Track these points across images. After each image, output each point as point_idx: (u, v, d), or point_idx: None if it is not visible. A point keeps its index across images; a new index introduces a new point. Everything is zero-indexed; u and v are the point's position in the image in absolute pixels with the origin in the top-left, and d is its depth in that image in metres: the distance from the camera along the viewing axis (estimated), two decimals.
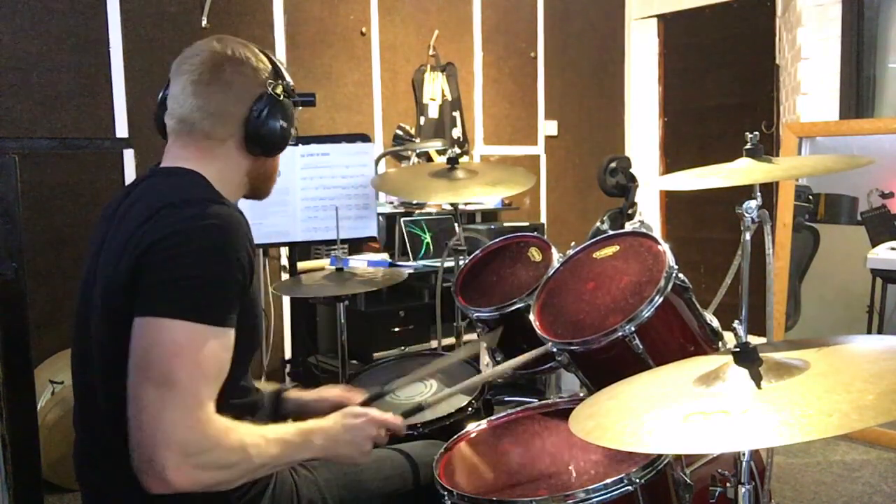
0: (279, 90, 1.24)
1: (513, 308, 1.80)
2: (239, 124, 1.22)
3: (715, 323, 1.63)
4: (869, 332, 3.13)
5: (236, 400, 1.20)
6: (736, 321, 1.08)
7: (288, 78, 1.28)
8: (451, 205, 2.51)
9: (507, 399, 2.25)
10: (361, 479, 1.36)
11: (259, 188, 1.33)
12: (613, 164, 2.87)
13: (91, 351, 1.18)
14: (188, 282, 1.05)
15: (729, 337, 1.24)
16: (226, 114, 1.21)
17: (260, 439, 1.11)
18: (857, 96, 3.48)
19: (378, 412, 1.33)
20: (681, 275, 1.53)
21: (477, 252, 2.13)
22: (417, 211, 3.51)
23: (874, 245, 3.13)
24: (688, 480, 1.34)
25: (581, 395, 1.75)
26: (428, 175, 2.34)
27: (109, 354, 1.12)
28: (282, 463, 1.17)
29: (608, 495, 1.17)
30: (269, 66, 1.25)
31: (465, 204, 3.78)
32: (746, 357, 1.01)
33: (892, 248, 3.08)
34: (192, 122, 1.21)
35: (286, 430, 1.18)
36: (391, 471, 1.39)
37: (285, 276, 3.25)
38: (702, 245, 4.56)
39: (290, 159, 2.50)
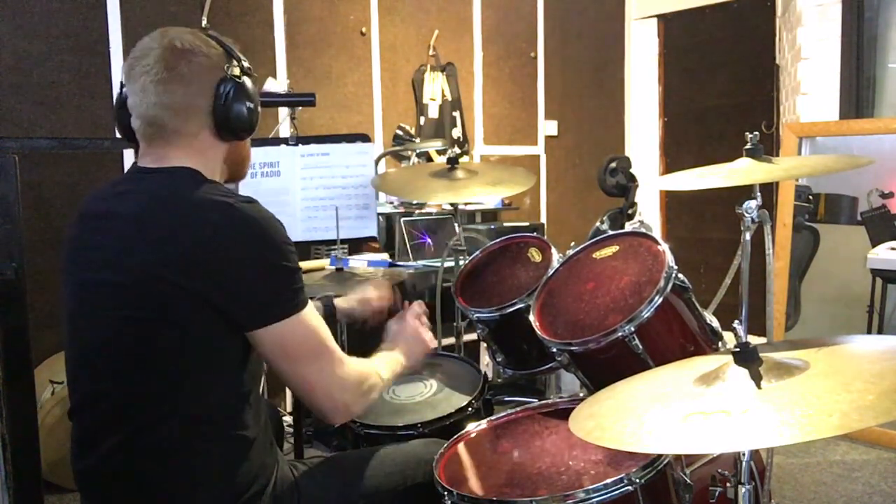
0: (236, 71, 1.24)
1: (513, 308, 1.80)
2: (207, 115, 1.22)
3: (715, 323, 1.63)
4: (869, 332, 3.13)
5: (237, 399, 1.20)
6: (736, 321, 1.08)
7: (242, 57, 1.28)
8: (451, 205, 2.51)
9: (507, 399, 2.25)
10: (361, 476, 1.36)
11: (236, 171, 1.36)
12: (613, 164, 2.87)
13: (91, 355, 1.17)
14: (283, 280, 1.18)
15: (729, 337, 1.24)
16: (192, 107, 1.21)
17: (381, 368, 1.39)
18: (857, 96, 3.48)
19: (410, 320, 1.62)
20: (680, 275, 1.53)
21: (477, 252, 2.13)
22: (417, 211, 3.51)
23: (874, 245, 3.13)
24: (688, 480, 1.34)
25: (581, 395, 1.75)
26: (428, 175, 2.34)
27: (119, 356, 1.13)
28: (393, 379, 1.46)
29: (608, 495, 1.17)
30: (221, 50, 1.25)
31: (465, 204, 3.78)
32: (746, 357, 1.01)
33: (892, 248, 3.08)
34: (160, 122, 1.21)
35: (387, 357, 1.46)
36: (391, 468, 1.39)
37: None
38: (702, 245, 4.56)
39: (290, 159, 2.50)
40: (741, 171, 1.64)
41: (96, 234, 1.21)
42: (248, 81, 1.26)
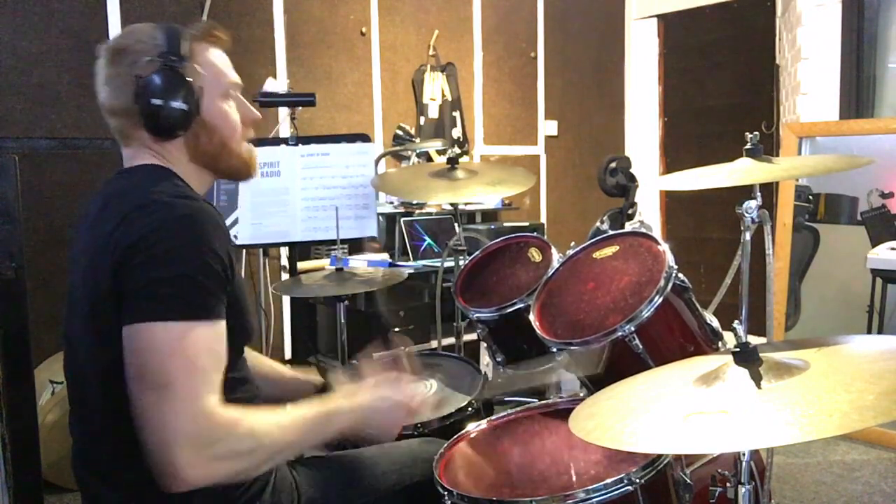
0: (154, 67, 1.16)
1: (513, 308, 1.80)
2: (135, 115, 1.18)
3: (715, 323, 1.63)
4: (869, 332, 3.13)
5: (231, 395, 1.20)
6: (736, 321, 1.08)
7: (180, 45, 1.20)
8: (451, 205, 2.51)
9: (507, 399, 2.25)
10: (361, 475, 1.36)
11: (221, 169, 1.28)
12: (613, 164, 2.87)
13: (82, 360, 1.18)
14: (168, 282, 1.03)
15: (729, 337, 1.24)
16: (119, 109, 1.19)
17: (277, 424, 1.11)
18: (857, 96, 3.48)
19: (406, 396, 1.32)
20: (680, 275, 1.53)
21: (477, 252, 2.13)
22: (417, 211, 3.51)
23: (874, 245, 3.13)
24: (688, 480, 1.34)
25: (581, 395, 1.75)
26: (428, 175, 2.34)
27: (102, 363, 1.12)
28: (305, 445, 1.17)
29: (608, 495, 1.17)
30: (152, 43, 1.20)
31: (465, 204, 3.78)
32: (746, 357, 1.01)
33: (892, 248, 3.08)
34: (111, 124, 1.22)
35: (305, 413, 1.16)
36: (389, 466, 1.39)
37: (285, 276, 3.25)
38: (702, 245, 4.56)
39: (290, 159, 2.50)
40: (741, 171, 1.64)
41: (77, 235, 1.23)
42: (175, 74, 1.17)
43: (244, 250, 3.23)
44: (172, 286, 1.04)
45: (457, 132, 4.07)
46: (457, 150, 3.42)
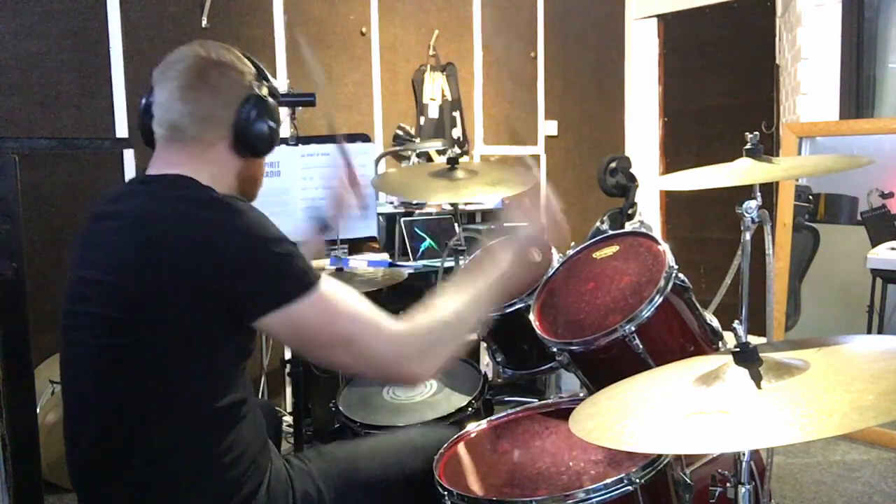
0: (264, 91, 1.26)
1: (513, 308, 1.80)
2: (228, 127, 1.24)
3: (715, 323, 1.63)
4: (869, 332, 3.13)
5: (223, 402, 1.19)
6: (736, 321, 1.08)
7: (272, 79, 1.31)
8: (451, 205, 2.51)
9: (507, 399, 2.25)
10: (357, 467, 1.36)
11: (246, 191, 1.34)
12: (613, 164, 2.87)
13: (85, 355, 1.17)
14: (287, 264, 1.14)
15: (729, 337, 1.24)
16: (215, 118, 1.23)
17: (457, 306, 1.25)
18: (857, 96, 3.48)
19: (521, 238, 1.42)
20: (681, 275, 1.53)
21: (477, 252, 2.13)
22: (417, 211, 3.51)
23: (874, 245, 3.13)
24: (688, 480, 1.34)
25: (581, 395, 1.75)
26: (428, 175, 2.33)
27: (112, 356, 1.13)
28: (485, 311, 1.33)
29: (608, 495, 1.17)
30: (253, 69, 1.27)
31: (465, 204, 3.78)
32: (746, 357, 1.01)
33: (892, 248, 3.08)
34: (182, 127, 1.22)
35: (475, 289, 1.28)
36: (387, 458, 1.39)
37: None
38: (702, 245, 4.56)
39: (290, 159, 2.50)
40: (741, 171, 1.64)
41: (99, 233, 1.22)
42: (272, 102, 1.28)
43: None
44: (287, 266, 1.14)
45: (457, 132, 4.07)
46: (457, 150, 3.42)
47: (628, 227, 1.84)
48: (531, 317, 1.64)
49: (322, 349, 1.17)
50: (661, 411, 1.00)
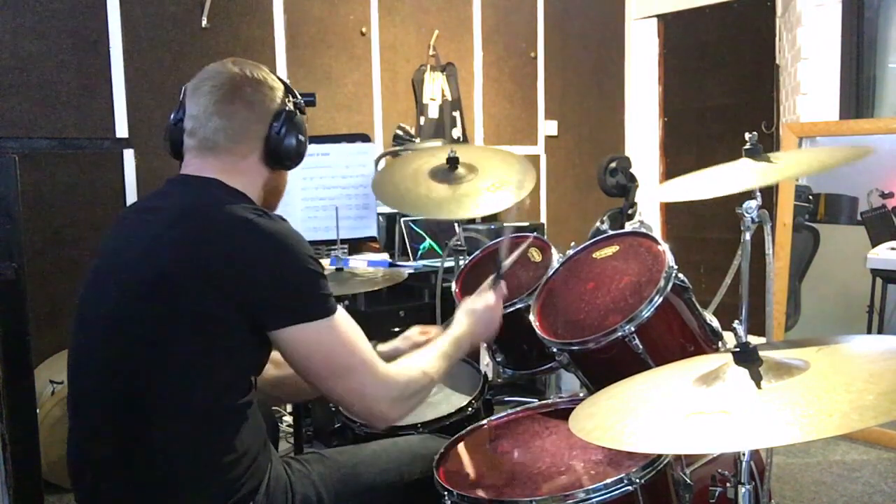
0: (292, 107, 1.33)
1: (513, 308, 1.80)
2: (260, 140, 1.30)
3: (715, 323, 1.63)
4: (869, 332, 3.13)
5: (230, 405, 1.20)
6: (736, 321, 1.08)
7: (298, 94, 1.37)
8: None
9: (507, 399, 2.25)
10: (356, 473, 1.36)
11: (270, 202, 1.39)
12: (613, 164, 2.87)
13: (93, 349, 1.18)
14: (311, 285, 1.21)
15: (729, 337, 1.24)
16: (249, 132, 1.29)
17: (429, 362, 1.38)
18: (857, 96, 3.48)
19: (489, 300, 1.59)
20: (680, 275, 1.53)
21: (477, 252, 2.13)
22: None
23: (874, 245, 3.13)
24: (688, 480, 1.34)
25: (581, 395, 1.75)
26: (428, 175, 2.32)
27: (120, 353, 1.14)
28: (449, 371, 1.44)
29: (608, 495, 1.17)
30: (281, 85, 1.34)
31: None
32: (746, 357, 1.01)
33: (892, 248, 3.08)
34: (216, 140, 1.27)
35: (443, 345, 1.44)
36: (387, 464, 1.39)
37: None
38: (702, 245, 4.56)
39: None
40: (740, 178, 1.63)
41: (135, 226, 1.26)
42: (301, 117, 1.34)
43: None
44: (314, 287, 1.21)
45: (457, 132, 4.07)
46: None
47: (628, 227, 1.83)
48: (531, 317, 1.64)
49: (321, 374, 1.23)
50: (661, 411, 1.00)
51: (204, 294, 1.13)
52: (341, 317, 1.24)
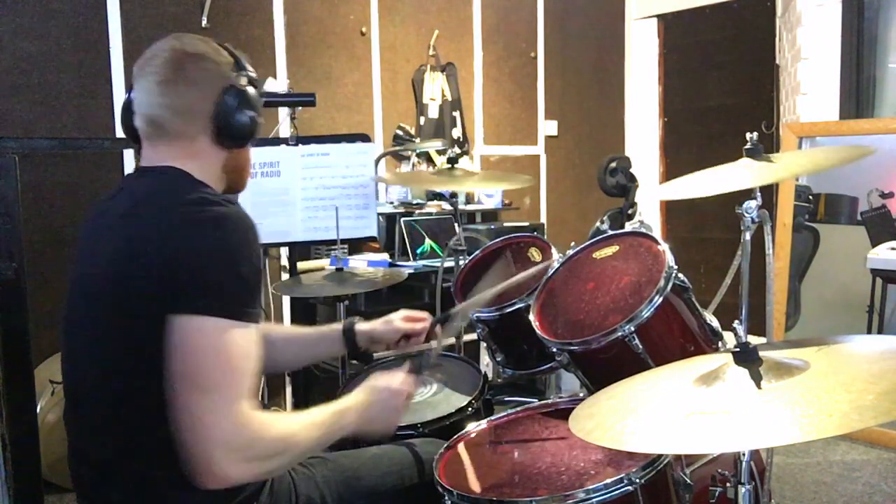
0: (243, 81, 1.24)
1: (513, 308, 1.80)
2: (208, 119, 1.22)
3: (715, 323, 1.63)
4: (869, 332, 3.13)
5: None
6: (736, 321, 1.08)
7: (250, 69, 1.28)
8: (451, 205, 2.51)
9: (507, 399, 2.25)
10: (359, 476, 1.37)
11: (235, 181, 1.33)
12: (613, 164, 2.87)
13: (83, 353, 1.17)
14: (223, 281, 1.09)
15: (729, 337, 1.24)
16: (194, 110, 1.21)
17: (300, 427, 1.17)
18: (857, 96, 3.48)
19: (397, 382, 1.37)
20: (680, 275, 1.53)
21: (477, 252, 2.13)
22: (417, 211, 3.51)
23: (874, 245, 3.13)
24: (688, 480, 1.34)
25: (581, 395, 1.75)
26: (429, 174, 2.33)
27: (109, 357, 1.13)
28: (321, 445, 1.23)
29: (608, 495, 1.17)
30: (231, 59, 1.25)
31: (465, 204, 3.78)
32: (746, 357, 1.01)
33: (892, 248, 3.08)
34: (161, 121, 1.21)
35: (322, 414, 1.23)
36: (389, 467, 1.39)
37: (285, 276, 3.25)
38: (702, 245, 4.56)
39: (290, 159, 2.50)
40: (740, 176, 1.63)
41: (94, 231, 1.23)
42: (252, 91, 1.25)
43: None
44: (227, 285, 1.09)
45: (457, 132, 4.07)
46: (457, 150, 3.42)
47: (628, 227, 1.84)
48: (531, 317, 1.64)
49: (182, 379, 1.06)
50: (661, 411, 1.00)
51: (154, 292, 1.08)
52: (243, 334, 1.09)
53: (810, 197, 3.34)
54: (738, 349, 1.02)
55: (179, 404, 1.06)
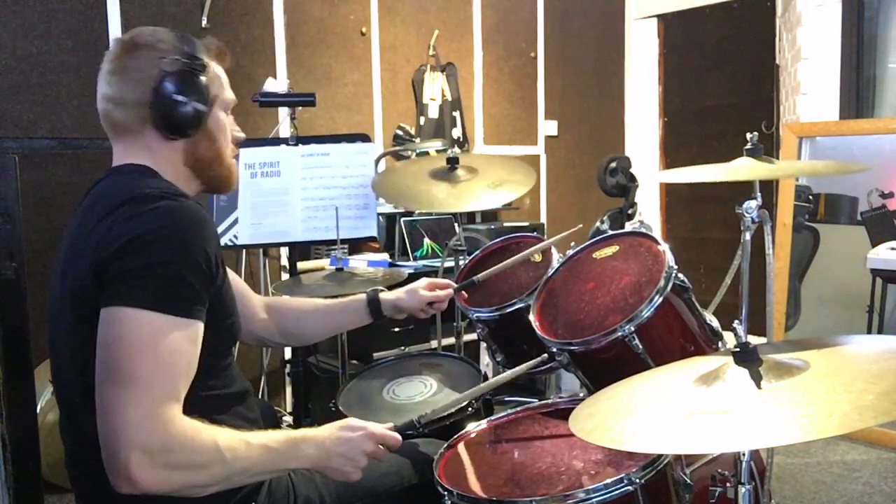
0: (179, 66, 1.19)
1: (513, 308, 1.80)
2: (147, 109, 1.19)
3: (715, 323, 1.63)
4: (869, 332, 3.13)
5: (221, 390, 1.20)
6: (736, 321, 1.08)
7: (199, 53, 1.23)
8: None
9: (507, 399, 2.25)
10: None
11: (210, 176, 1.29)
12: (613, 164, 2.87)
13: (65, 361, 1.17)
14: (150, 271, 1.04)
15: (729, 337, 1.24)
16: (129, 100, 1.19)
17: (238, 443, 1.08)
18: (857, 96, 3.48)
19: (377, 427, 1.27)
20: (680, 275, 1.53)
21: (477, 252, 2.13)
22: (417, 211, 3.51)
23: (874, 245, 3.13)
24: (688, 480, 1.34)
25: (581, 395, 1.75)
26: (428, 175, 2.33)
27: (82, 356, 1.11)
28: (267, 470, 1.14)
29: (608, 495, 1.17)
30: (175, 45, 1.21)
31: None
32: (746, 357, 1.01)
33: (892, 248, 3.08)
34: (107, 114, 1.22)
35: (273, 436, 1.14)
36: (388, 468, 1.39)
37: (285, 276, 3.25)
38: (702, 245, 4.56)
39: (290, 159, 2.50)
40: (741, 168, 1.64)
41: (65, 236, 1.23)
42: (193, 77, 1.20)
43: (244, 250, 3.24)
44: (155, 275, 1.04)
45: (457, 132, 4.07)
46: (457, 150, 3.42)
47: (628, 227, 1.84)
48: (531, 317, 1.64)
49: (103, 370, 1.01)
50: (661, 411, 1.00)
51: (89, 291, 1.06)
52: (175, 329, 1.03)
53: (810, 197, 3.34)
54: (738, 349, 1.02)
55: (98, 398, 1.00)
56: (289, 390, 3.44)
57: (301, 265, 2.79)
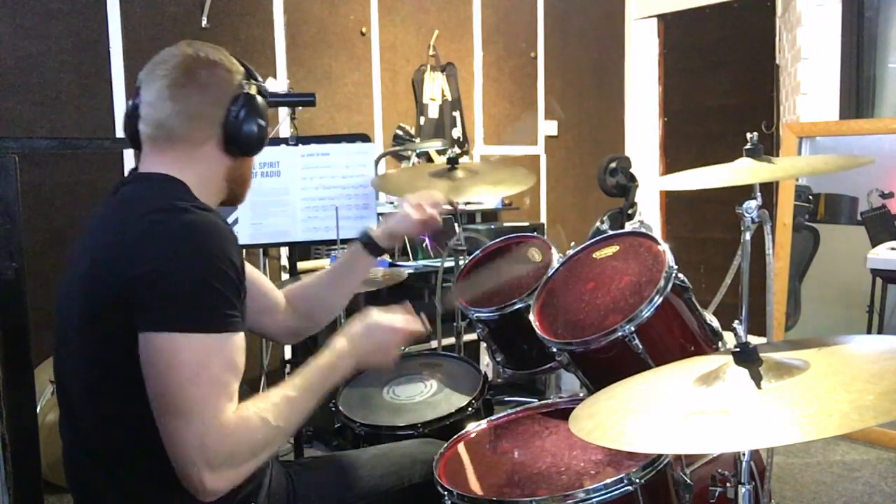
0: (254, 90, 1.24)
1: (513, 308, 1.80)
2: (217, 126, 1.21)
3: (715, 323, 1.63)
4: (869, 332, 3.13)
5: None
6: (736, 321, 1.08)
7: (259, 78, 1.29)
8: (451, 205, 2.50)
9: (507, 399, 2.25)
10: (358, 477, 1.36)
11: (236, 192, 1.32)
12: (613, 164, 2.87)
13: (72, 363, 1.17)
14: (189, 294, 1.05)
15: (729, 337, 1.24)
16: (204, 116, 1.21)
17: (283, 404, 1.13)
18: (857, 96, 3.48)
19: (398, 321, 1.31)
20: (680, 275, 1.53)
21: (477, 252, 2.13)
22: None
23: (874, 245, 3.13)
24: (688, 480, 1.34)
25: (581, 395, 1.75)
26: (428, 175, 2.33)
27: (92, 368, 1.11)
28: (316, 404, 1.19)
29: (608, 495, 1.17)
30: (241, 68, 1.26)
31: (466, 204, 3.78)
32: (746, 357, 1.01)
33: (892, 248, 3.08)
34: (170, 126, 1.20)
35: (309, 375, 1.19)
36: (387, 468, 1.39)
37: (285, 276, 3.25)
38: (702, 245, 4.56)
39: (290, 159, 2.50)
40: (741, 170, 1.64)
41: (84, 238, 1.22)
42: (262, 101, 1.25)
43: (244, 250, 3.23)
44: (193, 296, 1.05)
45: (457, 132, 4.07)
46: (457, 150, 3.42)
47: (628, 227, 1.84)
48: (531, 317, 1.64)
49: (159, 400, 1.04)
50: (661, 411, 1.00)
51: (118, 309, 1.06)
52: (220, 345, 1.05)
53: (810, 197, 3.34)
54: (738, 349, 1.02)
55: (160, 427, 1.04)
56: None
57: (301, 265, 2.79)
